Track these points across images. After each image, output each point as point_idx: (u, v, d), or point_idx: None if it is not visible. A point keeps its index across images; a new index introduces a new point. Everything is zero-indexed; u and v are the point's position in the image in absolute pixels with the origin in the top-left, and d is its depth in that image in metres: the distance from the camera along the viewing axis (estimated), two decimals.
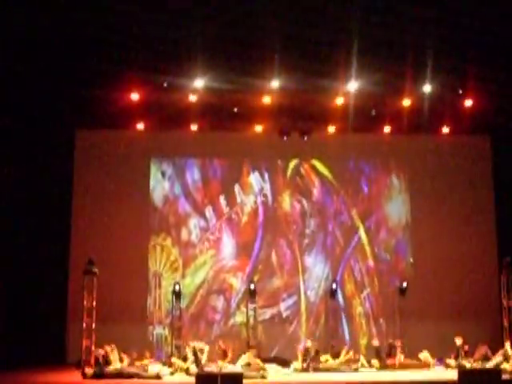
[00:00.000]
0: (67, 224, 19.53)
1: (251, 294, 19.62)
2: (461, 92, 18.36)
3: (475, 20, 14.75)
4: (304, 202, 20.97)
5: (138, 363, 16.49)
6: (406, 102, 18.58)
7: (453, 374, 14.76)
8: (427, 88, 17.91)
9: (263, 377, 15.69)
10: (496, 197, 21.02)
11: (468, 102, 18.56)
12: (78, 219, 19.70)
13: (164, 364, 17.23)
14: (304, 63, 16.70)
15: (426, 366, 17.61)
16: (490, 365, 16.22)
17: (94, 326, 17.64)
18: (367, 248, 20.91)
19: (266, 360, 17.34)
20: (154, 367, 16.39)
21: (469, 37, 15.44)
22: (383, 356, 17.87)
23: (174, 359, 17.58)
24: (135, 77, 17.05)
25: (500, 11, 14.48)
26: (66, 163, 19.69)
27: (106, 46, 15.57)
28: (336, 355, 18.02)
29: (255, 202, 20.80)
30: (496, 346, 17.90)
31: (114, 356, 16.45)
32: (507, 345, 17.30)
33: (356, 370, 17.17)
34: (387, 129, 20.30)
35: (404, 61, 16.43)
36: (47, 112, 18.46)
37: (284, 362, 18.03)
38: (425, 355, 17.91)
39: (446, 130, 20.35)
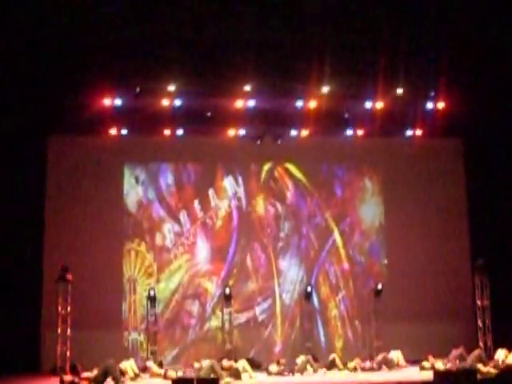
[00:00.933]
0: (40, 230, 19.34)
1: (226, 298, 19.63)
2: (433, 95, 18.50)
3: (447, 23, 14.89)
4: (278, 205, 20.97)
5: None
6: (379, 105, 18.69)
7: (428, 375, 14.88)
8: (399, 91, 18.02)
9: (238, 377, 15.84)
10: (469, 199, 21.15)
11: (440, 105, 18.70)
12: (51, 226, 19.51)
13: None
14: (276, 67, 16.76)
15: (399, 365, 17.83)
16: (464, 365, 16.31)
17: (68, 332, 17.60)
18: (342, 251, 20.97)
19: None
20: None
21: (441, 39, 15.58)
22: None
23: (149, 363, 17.60)
24: (108, 82, 17.00)
25: (472, 14, 14.61)
26: (38, 169, 19.49)
27: (78, 51, 15.54)
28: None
29: (229, 206, 20.78)
30: (470, 346, 18.05)
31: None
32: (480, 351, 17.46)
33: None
34: (360, 132, 20.37)
35: (376, 64, 16.54)
36: (19, 118, 18.29)
37: (258, 365, 18.11)
38: (396, 354, 18.08)
39: (418, 132, 20.48)
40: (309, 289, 20.13)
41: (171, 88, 17.36)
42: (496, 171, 19.91)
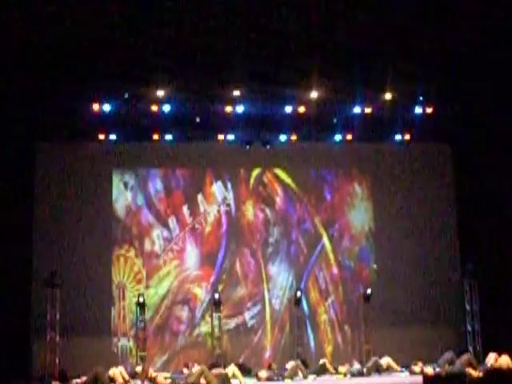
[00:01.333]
0: (29, 236, 19.27)
1: (216, 304, 19.58)
2: (421, 99, 18.54)
3: (435, 28, 14.93)
4: (267, 210, 20.96)
5: None
6: (368, 110, 18.71)
7: (417, 379, 14.88)
8: (388, 96, 18.06)
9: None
10: (457, 203, 21.19)
11: (428, 110, 18.74)
12: (39, 231, 19.44)
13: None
14: (266, 72, 16.77)
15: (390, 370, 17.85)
16: (454, 369, 16.30)
17: (57, 339, 17.52)
18: (331, 256, 20.96)
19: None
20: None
21: (429, 44, 15.62)
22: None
23: (138, 368, 17.51)
24: (96, 87, 16.97)
25: (460, 20, 14.66)
26: (26, 175, 19.43)
27: (66, 56, 15.50)
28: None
29: (218, 212, 20.75)
30: (460, 351, 18.06)
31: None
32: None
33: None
34: (349, 137, 20.38)
35: (365, 68, 16.57)
36: (6, 124, 18.23)
37: (248, 370, 18.13)
38: (387, 360, 18.08)
39: (407, 137, 20.50)
40: (298, 294, 20.08)
41: (160, 93, 17.35)
42: (484, 176, 19.92)
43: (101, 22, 14.50)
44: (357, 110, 18.80)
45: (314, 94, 17.78)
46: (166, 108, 18.05)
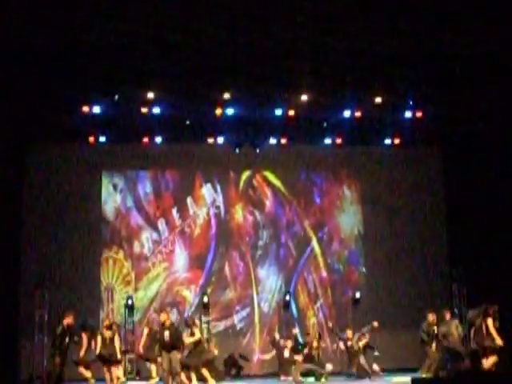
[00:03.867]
0: (18, 238, 19.23)
1: (204, 307, 19.56)
2: (411, 103, 18.57)
3: (426, 32, 14.96)
4: (256, 213, 20.98)
5: None
6: (358, 114, 18.73)
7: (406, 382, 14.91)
8: (378, 99, 18.08)
9: None
10: (447, 207, 21.23)
11: (418, 113, 18.76)
12: (28, 233, 19.43)
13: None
14: (256, 74, 16.75)
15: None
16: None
17: (46, 341, 17.46)
18: (320, 259, 20.99)
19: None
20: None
21: (418, 48, 15.66)
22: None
23: None
24: (86, 90, 16.93)
25: (450, 25, 14.70)
26: (16, 176, 19.36)
27: (56, 58, 15.46)
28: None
29: (208, 214, 20.76)
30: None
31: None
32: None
33: None
34: (339, 140, 20.39)
35: (355, 72, 16.59)
36: None
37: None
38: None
39: (396, 140, 20.53)
40: (287, 297, 20.12)
41: (150, 95, 17.32)
42: (473, 179, 19.95)
43: (91, 24, 14.47)
44: (347, 113, 18.79)
45: (304, 97, 17.78)
46: (156, 110, 18.01)
